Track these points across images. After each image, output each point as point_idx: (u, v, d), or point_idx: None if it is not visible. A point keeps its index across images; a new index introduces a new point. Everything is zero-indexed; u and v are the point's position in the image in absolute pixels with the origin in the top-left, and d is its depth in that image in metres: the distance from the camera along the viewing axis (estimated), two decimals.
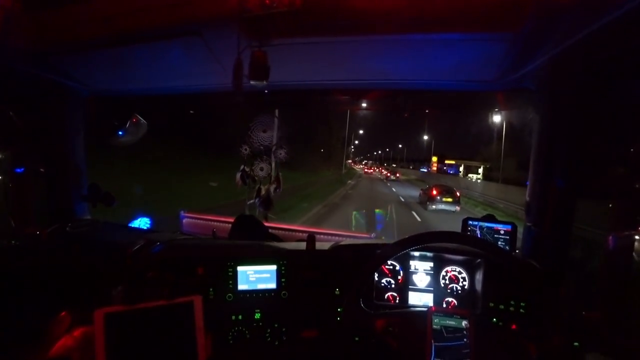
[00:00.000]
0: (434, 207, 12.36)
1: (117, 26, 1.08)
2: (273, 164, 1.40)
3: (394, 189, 21.78)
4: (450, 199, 12.54)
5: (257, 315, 1.15)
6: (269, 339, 1.15)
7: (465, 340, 0.79)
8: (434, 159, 48.59)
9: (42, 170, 1.55)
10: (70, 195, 1.57)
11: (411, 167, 78.14)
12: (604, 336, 0.98)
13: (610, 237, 1.06)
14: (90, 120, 1.62)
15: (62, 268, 1.17)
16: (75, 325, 0.95)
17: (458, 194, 13.12)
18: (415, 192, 17.53)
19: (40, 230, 1.42)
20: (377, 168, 73.32)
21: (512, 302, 1.11)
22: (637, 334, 1.04)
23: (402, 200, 15.39)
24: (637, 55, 0.87)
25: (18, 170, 1.63)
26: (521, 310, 1.10)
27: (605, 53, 0.90)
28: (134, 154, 8.76)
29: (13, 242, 1.33)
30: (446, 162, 49.46)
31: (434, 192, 12.70)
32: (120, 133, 1.77)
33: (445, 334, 0.80)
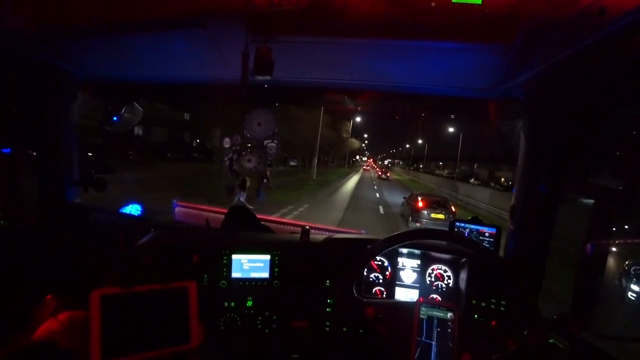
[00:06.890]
0: (417, 225, 9.03)
1: (118, 13, 1.07)
2: (259, 159, 1.41)
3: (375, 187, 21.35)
4: (441, 216, 9.12)
5: (249, 303, 1.18)
6: (259, 326, 1.18)
7: (449, 330, 0.83)
8: None
9: (33, 153, 1.53)
10: (62, 179, 1.55)
11: (453, 175, 40.91)
12: (576, 335, 1.05)
13: (588, 245, 1.13)
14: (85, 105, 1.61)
15: (51, 251, 1.17)
16: (61, 309, 0.94)
17: (453, 208, 9.80)
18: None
19: (31, 212, 1.40)
20: (375, 167, 75.43)
21: (493, 300, 1.16)
22: (604, 333, 1.11)
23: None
24: (618, 74, 0.93)
25: (5, 150, 1.60)
26: (501, 308, 1.16)
27: (590, 70, 0.96)
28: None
29: (2, 222, 1.32)
30: None
31: (420, 204, 9.34)
32: (114, 119, 1.76)
33: (431, 324, 0.85)
